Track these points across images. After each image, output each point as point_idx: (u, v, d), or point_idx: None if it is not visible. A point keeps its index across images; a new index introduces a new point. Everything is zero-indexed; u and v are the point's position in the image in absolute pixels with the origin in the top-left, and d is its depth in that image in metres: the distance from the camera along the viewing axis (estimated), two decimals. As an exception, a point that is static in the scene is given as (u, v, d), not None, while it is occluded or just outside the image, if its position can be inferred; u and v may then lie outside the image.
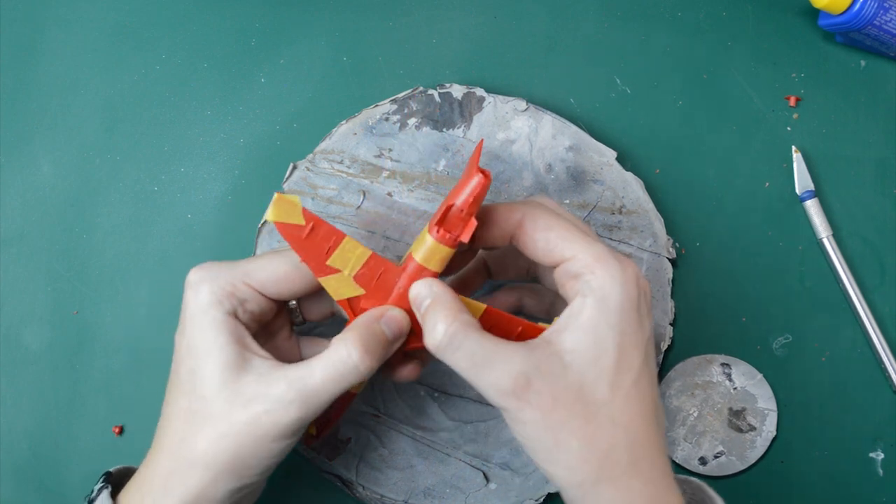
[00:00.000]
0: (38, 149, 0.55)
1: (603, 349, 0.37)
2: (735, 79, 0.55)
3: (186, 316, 0.43)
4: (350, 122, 0.52)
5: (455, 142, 0.52)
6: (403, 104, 0.52)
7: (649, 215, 0.52)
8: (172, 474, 0.41)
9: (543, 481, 0.51)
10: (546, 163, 0.52)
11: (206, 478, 0.41)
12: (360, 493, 0.51)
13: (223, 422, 0.41)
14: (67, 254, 0.55)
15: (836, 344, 0.54)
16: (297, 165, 0.52)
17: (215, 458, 0.41)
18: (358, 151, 0.52)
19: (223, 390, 0.41)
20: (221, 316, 0.42)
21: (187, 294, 0.43)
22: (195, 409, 0.41)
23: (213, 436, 0.41)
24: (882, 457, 0.53)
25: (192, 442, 0.41)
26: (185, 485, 0.41)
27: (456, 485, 0.51)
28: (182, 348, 0.43)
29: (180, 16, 0.56)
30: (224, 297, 0.42)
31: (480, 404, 0.52)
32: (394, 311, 0.42)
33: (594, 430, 0.38)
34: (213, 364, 0.41)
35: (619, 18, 0.55)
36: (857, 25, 0.51)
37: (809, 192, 0.53)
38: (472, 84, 0.53)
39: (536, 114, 0.52)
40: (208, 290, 0.42)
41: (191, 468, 0.41)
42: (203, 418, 0.41)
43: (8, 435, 0.54)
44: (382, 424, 0.52)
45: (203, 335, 0.42)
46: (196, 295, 0.42)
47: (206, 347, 0.42)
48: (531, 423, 0.38)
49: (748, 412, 0.52)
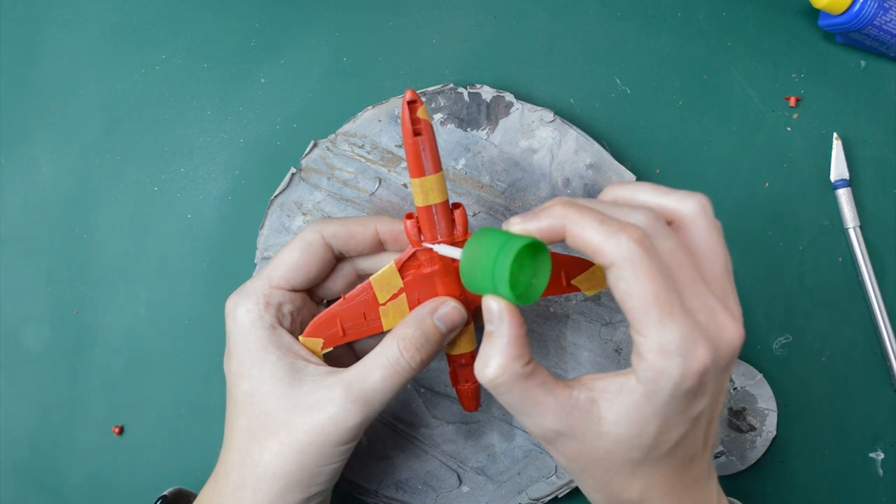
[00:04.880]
0: (38, 149, 0.55)
1: (643, 430, 0.37)
2: (735, 79, 0.55)
3: (231, 343, 0.43)
4: (376, 109, 0.52)
5: (477, 143, 0.52)
6: (432, 98, 0.52)
7: None
8: (241, 489, 0.41)
9: (515, 491, 0.51)
10: (565, 177, 0.52)
11: (275, 489, 0.41)
12: None
13: (286, 433, 0.41)
14: (67, 254, 0.55)
15: (836, 344, 0.54)
16: (318, 144, 0.52)
17: (282, 468, 0.41)
18: (380, 139, 0.52)
19: (283, 402, 0.41)
20: (265, 332, 0.42)
21: (227, 323, 0.43)
22: (256, 426, 0.42)
23: (277, 448, 0.41)
24: (882, 457, 0.53)
25: (258, 456, 0.41)
26: (256, 498, 0.41)
27: (429, 482, 0.52)
28: (232, 373, 0.43)
29: (180, 16, 0.56)
30: (262, 310, 0.43)
31: None
32: (446, 307, 0.43)
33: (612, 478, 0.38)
34: (268, 380, 0.42)
35: (619, 18, 0.55)
36: (857, 25, 0.51)
37: (843, 181, 0.53)
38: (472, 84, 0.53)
39: (562, 127, 0.52)
40: (244, 310, 0.43)
41: (259, 481, 0.41)
42: (266, 432, 0.41)
43: (8, 435, 0.54)
44: None
45: (251, 356, 0.42)
46: (235, 321, 0.43)
47: (258, 366, 0.42)
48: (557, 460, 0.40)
49: (748, 412, 0.52)
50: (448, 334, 0.43)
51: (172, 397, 0.54)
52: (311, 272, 0.44)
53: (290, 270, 0.44)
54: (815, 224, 0.54)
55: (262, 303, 0.43)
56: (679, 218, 0.38)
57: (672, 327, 0.35)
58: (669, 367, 0.35)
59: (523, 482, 0.51)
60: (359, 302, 0.43)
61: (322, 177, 0.52)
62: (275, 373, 0.42)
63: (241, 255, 0.54)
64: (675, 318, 0.35)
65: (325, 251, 0.44)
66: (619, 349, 0.51)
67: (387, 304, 0.44)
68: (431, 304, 0.43)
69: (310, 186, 0.52)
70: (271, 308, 0.43)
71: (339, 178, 0.52)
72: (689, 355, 0.35)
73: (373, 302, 0.43)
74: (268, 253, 0.52)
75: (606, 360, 0.51)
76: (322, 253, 0.44)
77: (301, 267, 0.44)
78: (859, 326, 0.54)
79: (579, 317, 0.52)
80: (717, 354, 0.36)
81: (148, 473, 0.54)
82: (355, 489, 0.52)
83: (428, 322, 0.42)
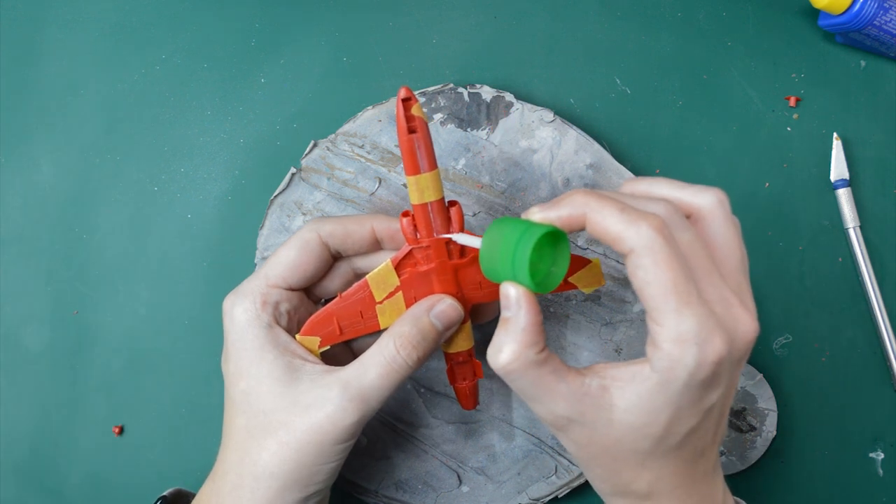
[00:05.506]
0: (38, 149, 0.55)
1: (654, 420, 0.37)
2: (735, 79, 0.55)
3: (228, 342, 0.43)
4: (376, 109, 0.52)
5: (477, 143, 0.52)
6: (432, 98, 0.52)
7: None
8: (239, 489, 0.41)
9: (515, 491, 0.51)
10: (564, 177, 0.52)
11: (273, 488, 0.41)
12: None
13: (284, 432, 0.41)
14: (67, 254, 0.55)
15: (836, 344, 0.54)
16: (318, 144, 0.52)
17: (280, 467, 0.41)
18: (380, 139, 0.52)
19: (280, 401, 0.41)
20: (262, 331, 0.42)
21: (224, 322, 0.43)
22: (254, 425, 0.42)
23: (275, 447, 0.41)
24: (882, 457, 0.53)
25: (256, 455, 0.41)
26: (254, 498, 0.41)
27: (429, 482, 0.52)
28: (230, 373, 0.43)
29: (180, 16, 0.56)
30: (259, 308, 0.43)
31: None
32: (443, 305, 0.43)
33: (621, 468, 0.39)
34: (265, 379, 0.42)
35: (619, 18, 0.55)
36: (857, 25, 0.51)
37: (843, 181, 0.53)
38: (472, 84, 0.53)
39: (562, 127, 0.52)
40: (241, 309, 0.43)
41: (256, 481, 0.41)
42: (264, 432, 0.41)
43: (8, 435, 0.54)
44: None
45: (248, 355, 0.42)
46: (232, 320, 0.43)
47: (255, 365, 0.42)
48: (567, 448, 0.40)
49: (748, 412, 0.52)
50: (445, 332, 0.43)
51: (172, 397, 0.54)
52: (308, 271, 0.44)
53: (287, 269, 0.44)
54: (815, 224, 0.54)
55: (259, 302, 0.43)
56: (697, 211, 0.38)
57: (689, 316, 0.35)
58: (685, 356, 0.35)
59: (523, 482, 0.51)
60: (355, 300, 0.43)
61: (322, 177, 0.52)
62: (272, 371, 0.42)
63: (241, 255, 0.54)
64: (693, 307, 0.35)
65: (321, 250, 0.44)
66: (619, 349, 0.51)
67: (383, 302, 0.44)
68: (428, 301, 0.43)
69: (310, 186, 0.52)
70: (268, 307, 0.43)
71: (339, 178, 0.52)
72: (705, 345, 0.35)
73: (369, 300, 0.43)
74: (267, 253, 0.52)
75: (606, 360, 0.51)
76: (319, 252, 0.44)
77: (298, 266, 0.44)
78: (859, 326, 0.54)
79: (579, 317, 0.52)
80: (733, 346, 0.36)
81: (148, 473, 0.54)
82: (355, 489, 0.52)
83: (424, 319, 0.42)
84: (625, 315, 0.52)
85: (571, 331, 0.52)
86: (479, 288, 0.44)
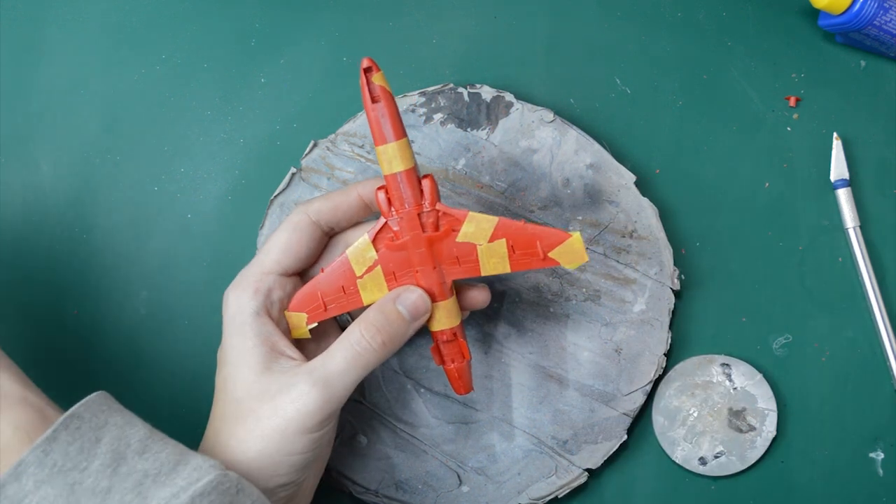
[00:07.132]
0: (38, 149, 0.55)
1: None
2: (735, 79, 0.55)
3: (223, 330, 0.44)
4: None
5: (477, 143, 0.52)
6: (432, 98, 0.52)
7: (659, 244, 0.52)
8: None
9: (515, 491, 0.51)
10: (564, 177, 0.52)
11: None
12: (333, 477, 0.51)
13: (252, 419, 0.41)
14: (67, 254, 0.55)
15: (837, 344, 0.54)
16: (318, 143, 0.52)
17: (245, 455, 0.41)
18: None
19: (252, 390, 0.42)
20: (248, 319, 0.43)
21: (222, 310, 0.44)
22: (229, 412, 0.42)
23: (242, 434, 0.42)
24: (882, 457, 0.53)
25: (225, 443, 0.42)
26: None
27: (429, 482, 0.52)
28: (218, 359, 0.44)
29: (180, 16, 0.56)
30: (250, 296, 0.43)
31: (464, 406, 0.52)
32: (408, 293, 0.44)
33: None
34: (243, 367, 0.42)
35: (619, 18, 0.55)
36: (857, 25, 0.51)
37: (843, 181, 0.53)
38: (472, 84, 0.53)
39: (562, 126, 0.52)
40: (234, 297, 0.44)
41: None
42: (235, 419, 0.42)
43: (8, 435, 0.54)
44: (364, 412, 0.52)
45: (233, 342, 0.43)
46: (226, 309, 0.44)
47: (237, 353, 0.43)
48: None
49: (748, 412, 0.52)
50: (413, 321, 0.44)
51: (172, 397, 0.54)
52: (301, 252, 0.45)
53: (281, 252, 0.44)
54: (815, 224, 0.54)
55: (251, 289, 0.44)
56: None
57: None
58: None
59: (523, 482, 0.51)
60: (337, 275, 0.44)
61: (322, 177, 0.52)
62: (248, 360, 0.42)
63: (241, 255, 0.54)
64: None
65: (313, 229, 0.45)
66: (619, 349, 0.51)
67: (364, 276, 0.44)
68: (395, 291, 0.44)
69: (310, 186, 0.52)
70: (259, 295, 0.44)
71: (339, 178, 0.52)
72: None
73: (350, 275, 0.44)
74: (268, 253, 0.52)
75: (606, 360, 0.51)
76: (310, 231, 0.45)
77: (290, 247, 0.44)
78: (859, 326, 0.54)
79: (579, 317, 0.52)
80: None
81: (148, 473, 0.54)
82: (355, 489, 0.52)
83: (389, 306, 0.43)
84: (625, 315, 0.52)
85: (571, 331, 0.52)
86: (456, 263, 0.44)
